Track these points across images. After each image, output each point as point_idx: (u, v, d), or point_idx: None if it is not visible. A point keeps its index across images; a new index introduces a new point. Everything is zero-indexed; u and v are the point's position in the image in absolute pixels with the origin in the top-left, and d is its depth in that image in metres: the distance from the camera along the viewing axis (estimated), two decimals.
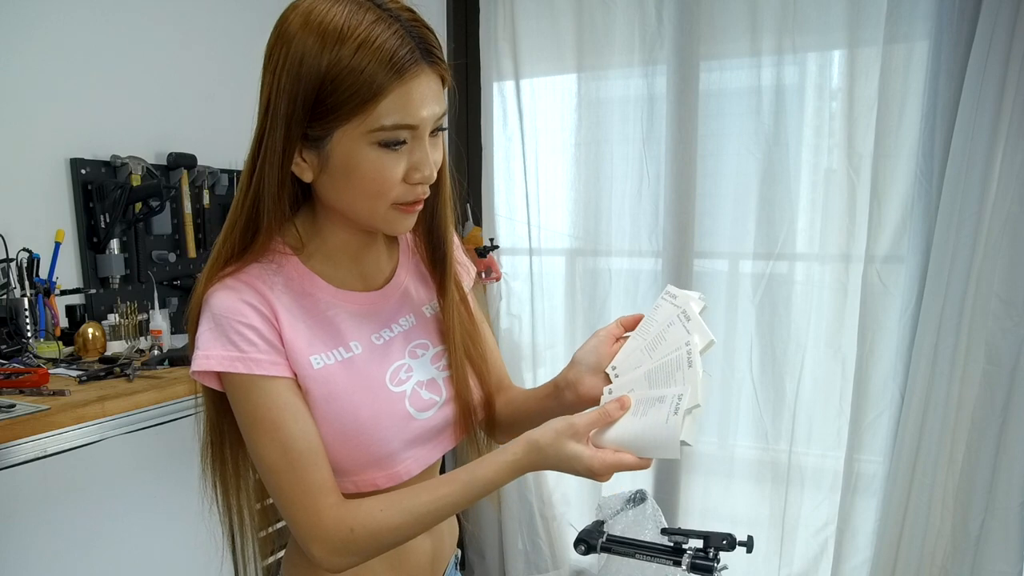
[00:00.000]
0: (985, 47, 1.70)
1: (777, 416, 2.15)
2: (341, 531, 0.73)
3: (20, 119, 1.84)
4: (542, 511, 2.50)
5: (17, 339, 1.72)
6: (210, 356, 0.72)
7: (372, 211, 0.75)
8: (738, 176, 2.13)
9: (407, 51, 0.68)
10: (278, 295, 0.77)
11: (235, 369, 0.72)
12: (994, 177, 1.76)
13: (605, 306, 2.38)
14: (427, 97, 0.70)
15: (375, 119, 0.69)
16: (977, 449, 1.87)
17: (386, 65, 0.67)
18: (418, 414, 0.82)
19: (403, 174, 0.73)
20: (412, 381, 0.83)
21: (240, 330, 0.73)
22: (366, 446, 0.78)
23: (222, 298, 0.74)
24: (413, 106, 0.69)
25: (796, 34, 1.99)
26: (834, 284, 2.05)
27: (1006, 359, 1.81)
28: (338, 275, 0.82)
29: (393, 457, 0.80)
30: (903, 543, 1.95)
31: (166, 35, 2.19)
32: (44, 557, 1.46)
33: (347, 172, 0.72)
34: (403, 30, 0.68)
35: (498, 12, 2.35)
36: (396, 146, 0.71)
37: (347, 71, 0.67)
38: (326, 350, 0.78)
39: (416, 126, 0.71)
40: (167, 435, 1.66)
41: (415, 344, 0.86)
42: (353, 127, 0.69)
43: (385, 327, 0.84)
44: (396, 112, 0.69)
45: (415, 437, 0.82)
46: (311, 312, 0.79)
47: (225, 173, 2.37)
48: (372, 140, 0.70)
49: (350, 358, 0.79)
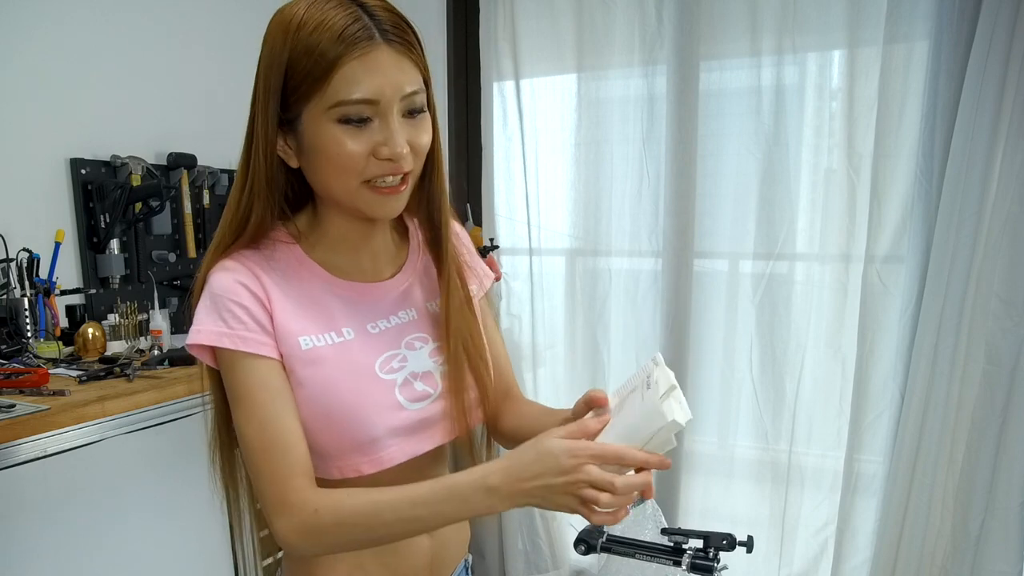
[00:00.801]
0: (985, 47, 1.70)
1: (777, 416, 2.15)
2: (306, 511, 0.73)
3: (20, 119, 1.84)
4: (542, 511, 2.50)
5: (17, 339, 1.72)
6: (201, 330, 0.76)
7: (346, 190, 0.76)
8: (738, 176, 2.13)
9: (359, 28, 0.70)
10: (274, 279, 0.79)
11: (222, 344, 0.75)
12: (994, 177, 1.76)
13: (605, 306, 2.38)
14: (382, 70, 0.71)
15: (332, 95, 0.71)
16: (977, 449, 1.87)
17: (336, 40, 0.70)
18: (409, 404, 0.82)
19: (369, 150, 0.74)
20: (405, 371, 0.83)
21: (231, 308, 0.76)
22: (350, 430, 0.79)
23: (219, 278, 0.78)
24: (367, 79, 0.71)
25: (796, 34, 1.99)
26: (834, 284, 2.05)
27: (1006, 359, 1.81)
28: (338, 264, 0.84)
29: (377, 443, 0.80)
30: (903, 543, 1.95)
31: (166, 35, 2.19)
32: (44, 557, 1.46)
33: (315, 151, 0.75)
34: (360, 11, 0.71)
35: (498, 12, 2.35)
36: (359, 123, 0.73)
37: (303, 51, 0.71)
38: (317, 332, 0.80)
39: (375, 101, 0.72)
40: (167, 435, 1.66)
41: (413, 336, 0.86)
42: (315, 105, 0.72)
43: (382, 318, 0.85)
44: (349, 86, 0.71)
45: (403, 426, 0.82)
46: (305, 296, 0.81)
47: (225, 173, 2.37)
48: (333, 117, 0.72)
49: (341, 343, 0.81)
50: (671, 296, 2.24)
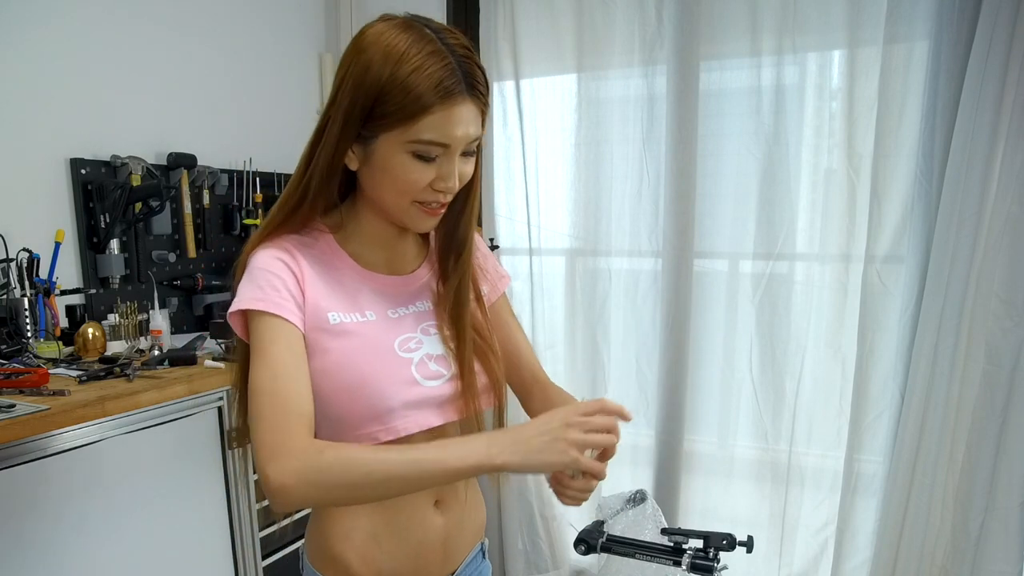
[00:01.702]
0: (985, 47, 1.70)
1: (777, 416, 2.15)
2: (310, 451, 0.76)
3: (20, 119, 1.84)
4: (542, 511, 2.50)
5: (17, 339, 1.72)
6: (242, 299, 0.83)
7: (397, 205, 0.87)
8: (738, 176, 2.13)
9: (453, 81, 0.79)
10: (309, 261, 0.88)
11: (255, 306, 0.82)
12: (994, 177, 1.76)
13: (605, 306, 2.38)
14: (463, 122, 0.81)
15: (415, 132, 0.80)
16: (977, 449, 1.87)
17: (432, 90, 0.78)
18: (424, 381, 0.90)
19: (430, 181, 0.84)
20: (421, 352, 0.91)
21: (269, 279, 0.84)
22: (368, 399, 0.86)
23: (259, 256, 0.86)
24: (449, 128, 0.81)
25: (796, 34, 1.99)
26: (834, 284, 2.05)
27: (1006, 359, 1.81)
28: (366, 257, 0.93)
29: (393, 413, 0.87)
30: (903, 543, 1.95)
31: (166, 36, 2.19)
32: (43, 557, 1.45)
33: (383, 169, 0.84)
34: (455, 63, 0.80)
35: (498, 12, 2.35)
36: (428, 159, 0.83)
37: (400, 88, 0.78)
38: (344, 311, 0.88)
39: (448, 145, 0.82)
40: (167, 435, 1.67)
41: (428, 324, 0.95)
42: (396, 134, 0.81)
43: (401, 306, 0.94)
44: (433, 130, 0.80)
45: (418, 401, 0.89)
46: (335, 281, 0.89)
47: (225, 173, 2.37)
48: (409, 149, 0.82)
49: (364, 321, 0.89)
50: (671, 296, 2.24)
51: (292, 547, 2.04)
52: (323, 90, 2.77)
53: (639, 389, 2.37)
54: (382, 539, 0.91)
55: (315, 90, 2.76)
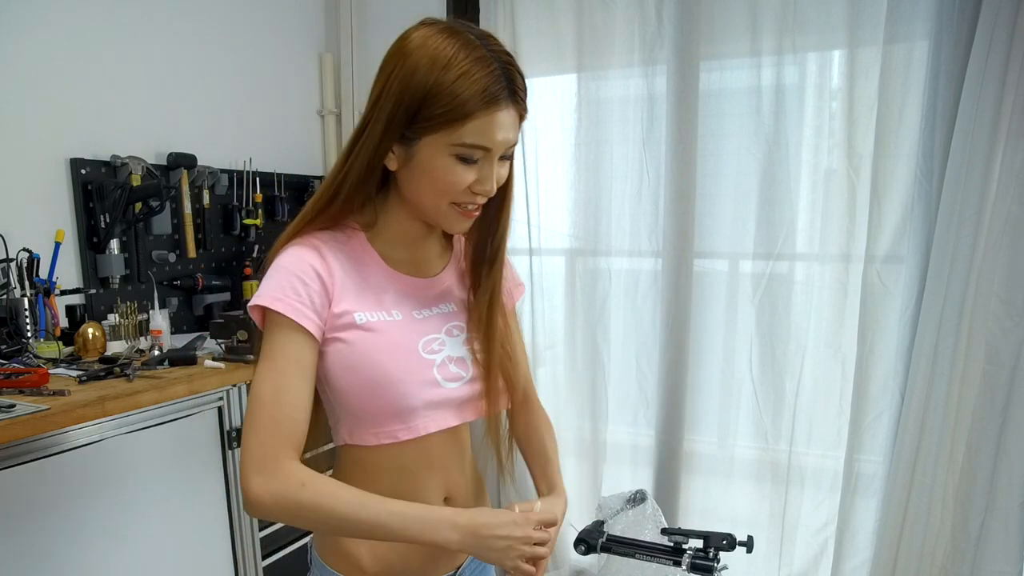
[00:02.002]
0: (985, 47, 1.70)
1: (777, 416, 2.15)
2: (292, 481, 0.80)
3: (20, 119, 1.84)
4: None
5: (17, 339, 1.72)
6: (263, 294, 0.85)
7: (435, 206, 0.89)
8: (738, 176, 2.13)
9: (498, 88, 0.82)
10: (340, 261, 0.89)
11: (274, 306, 0.84)
12: (994, 177, 1.76)
13: (605, 306, 2.38)
14: (504, 127, 0.84)
15: (459, 136, 0.83)
16: (977, 449, 1.87)
17: (477, 96, 0.81)
18: (445, 383, 0.92)
19: (469, 184, 0.86)
20: (443, 354, 0.93)
21: (293, 282, 0.85)
22: (391, 398, 0.88)
23: (291, 253, 0.88)
24: (491, 132, 0.83)
25: (796, 34, 1.99)
26: (834, 284, 2.05)
27: (1006, 359, 1.81)
28: (394, 257, 0.95)
29: (414, 412, 0.90)
30: (903, 543, 1.95)
31: (166, 36, 2.19)
32: (43, 557, 1.45)
33: (425, 171, 0.86)
34: (499, 70, 0.82)
35: (498, 12, 2.35)
36: (469, 161, 0.85)
37: (446, 92, 0.81)
38: (371, 310, 0.90)
39: (490, 149, 0.85)
40: (167, 435, 1.67)
41: (452, 325, 0.97)
42: (440, 137, 0.83)
43: (426, 307, 0.96)
44: (477, 135, 0.83)
45: (438, 401, 0.92)
46: (364, 281, 0.91)
47: (225, 173, 2.37)
48: (452, 152, 0.84)
49: (390, 321, 0.91)
50: (671, 296, 2.24)
51: (292, 547, 2.04)
52: (323, 90, 2.77)
53: (639, 389, 2.37)
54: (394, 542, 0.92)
55: (315, 90, 2.76)
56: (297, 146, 2.69)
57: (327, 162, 2.81)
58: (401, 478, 0.92)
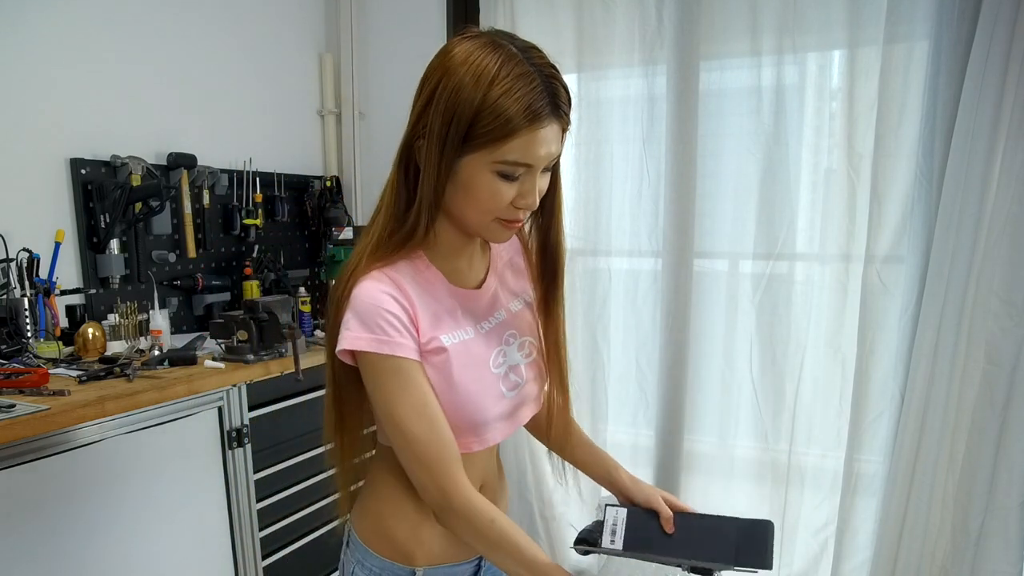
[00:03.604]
0: (985, 47, 1.70)
1: (777, 416, 2.15)
2: (470, 510, 0.87)
3: (20, 119, 1.84)
4: (542, 511, 2.50)
5: (17, 339, 1.72)
6: (360, 338, 0.85)
7: (480, 222, 0.89)
8: (738, 176, 2.13)
9: (541, 104, 0.81)
10: (414, 289, 0.90)
11: (381, 351, 0.84)
12: (994, 177, 1.76)
13: (605, 306, 2.38)
14: (547, 142, 0.84)
15: (502, 153, 0.82)
16: (977, 449, 1.87)
17: (522, 114, 0.80)
18: (507, 393, 0.96)
19: (512, 198, 0.86)
20: (505, 366, 0.97)
21: (387, 318, 0.85)
22: (470, 414, 0.91)
23: (368, 288, 0.86)
24: (534, 149, 0.83)
25: (796, 34, 1.99)
26: (834, 284, 2.05)
27: (1006, 359, 1.81)
28: (449, 270, 0.95)
29: (487, 426, 0.93)
30: (903, 543, 1.95)
31: (167, 36, 2.19)
32: (43, 557, 1.45)
33: (468, 188, 0.85)
34: (542, 85, 0.82)
35: (498, 12, 2.35)
36: (511, 178, 0.85)
37: (491, 111, 0.80)
38: (451, 331, 0.92)
39: (532, 165, 0.84)
40: (167, 435, 1.66)
41: (507, 334, 0.99)
42: (484, 154, 0.83)
43: (485, 319, 0.98)
44: (520, 152, 0.82)
45: (504, 412, 0.95)
46: (435, 301, 0.92)
47: (225, 173, 2.37)
48: (494, 169, 0.83)
49: (466, 340, 0.93)
50: (671, 296, 2.24)
51: (292, 547, 2.04)
52: (323, 90, 2.77)
53: (639, 389, 2.37)
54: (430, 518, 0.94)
55: (315, 90, 2.76)
56: (297, 146, 2.69)
57: (327, 162, 2.81)
58: None
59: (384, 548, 0.96)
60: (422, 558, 0.96)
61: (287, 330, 1.87)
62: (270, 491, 1.96)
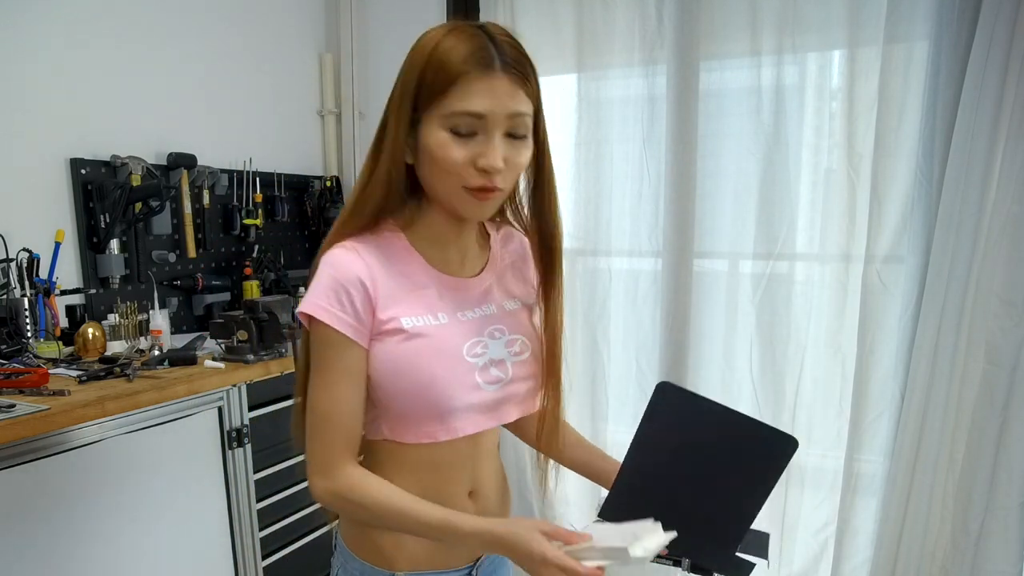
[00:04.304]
0: (985, 47, 1.70)
1: (777, 416, 2.15)
2: (343, 483, 0.87)
3: (20, 119, 1.84)
4: (542, 511, 2.50)
5: (17, 339, 1.72)
6: (308, 301, 0.87)
7: (447, 191, 0.87)
8: (738, 176, 2.13)
9: (483, 54, 0.81)
10: (383, 264, 0.90)
11: (319, 316, 0.86)
12: (994, 177, 1.76)
13: (605, 306, 2.38)
14: (495, 94, 0.82)
15: (448, 105, 0.82)
16: (977, 449, 1.87)
17: (462, 60, 0.81)
18: (485, 386, 0.93)
19: (470, 159, 0.83)
20: (486, 357, 0.94)
21: (339, 293, 0.86)
22: (433, 400, 0.89)
23: (342, 257, 0.88)
24: (479, 97, 0.81)
25: (796, 34, 1.99)
26: (834, 284, 2.05)
27: (1006, 359, 1.81)
28: (435, 256, 0.95)
29: (454, 414, 0.91)
30: (903, 543, 1.95)
31: (167, 36, 2.19)
32: (42, 557, 1.45)
33: (425, 151, 0.85)
34: (488, 42, 0.82)
35: (498, 12, 2.35)
36: (464, 133, 0.83)
37: (435, 65, 0.82)
38: (418, 314, 0.91)
39: (483, 115, 0.82)
40: (167, 435, 1.67)
41: (494, 327, 0.97)
42: (433, 112, 0.83)
43: (469, 308, 0.96)
44: (464, 100, 0.81)
45: (477, 404, 0.93)
46: (408, 282, 0.92)
47: (225, 173, 2.37)
48: (445, 125, 0.83)
49: (437, 324, 0.91)
50: (671, 296, 2.24)
51: (292, 547, 2.04)
52: (323, 90, 2.77)
53: (639, 389, 2.37)
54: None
55: (315, 90, 2.76)
56: (297, 146, 2.69)
57: (327, 162, 2.81)
58: (431, 473, 0.94)
59: (366, 552, 0.96)
60: (404, 563, 0.95)
61: (287, 330, 1.87)
62: (270, 491, 1.96)
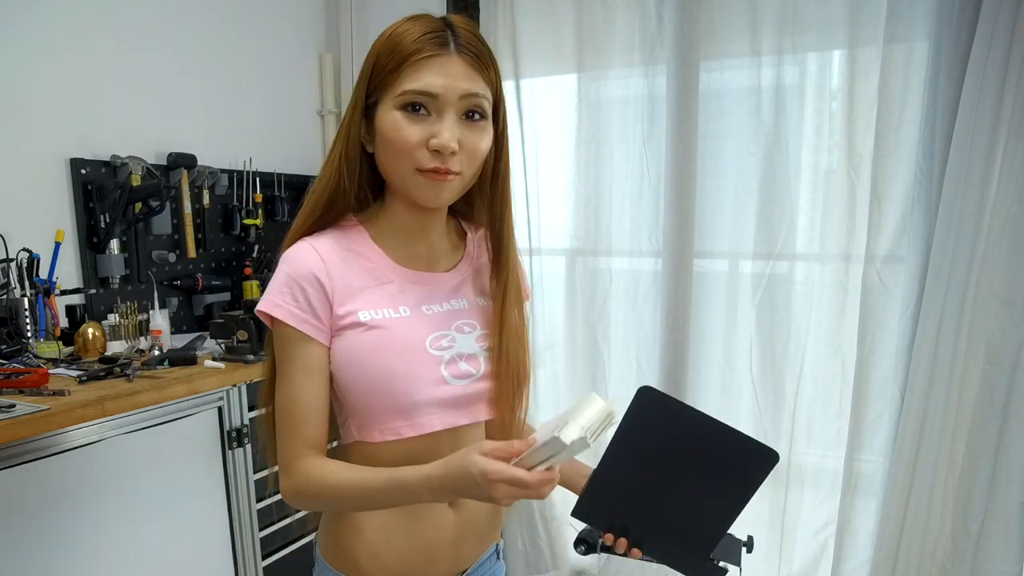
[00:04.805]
0: (985, 47, 1.70)
1: (777, 416, 2.15)
2: (299, 477, 0.87)
3: (20, 119, 1.84)
4: (542, 511, 2.50)
5: (17, 339, 1.72)
6: (265, 299, 0.87)
7: (401, 175, 0.86)
8: (738, 176, 2.13)
9: (437, 36, 0.82)
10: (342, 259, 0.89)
11: (274, 313, 0.86)
12: (994, 177, 1.76)
13: (605, 306, 2.38)
14: (447, 73, 0.82)
15: (400, 84, 0.82)
16: (977, 449, 1.87)
17: (415, 41, 0.81)
18: (453, 380, 0.90)
19: (423, 139, 0.83)
20: (453, 351, 0.91)
21: (295, 291, 0.86)
22: (394, 394, 0.87)
23: (297, 253, 0.88)
24: (431, 76, 0.81)
25: (796, 34, 1.99)
26: (834, 284, 2.05)
27: (1006, 359, 1.81)
28: (400, 252, 0.93)
29: (418, 409, 0.88)
30: (903, 543, 1.95)
31: (166, 35, 2.19)
32: (43, 557, 1.45)
33: (380, 133, 0.85)
34: (445, 26, 0.83)
35: (498, 12, 2.35)
36: (416, 112, 0.82)
37: (390, 48, 0.83)
38: (375, 307, 0.89)
39: (435, 94, 0.82)
40: (167, 435, 1.67)
41: (463, 322, 0.94)
42: (387, 93, 0.83)
43: (436, 303, 0.94)
44: (415, 79, 0.81)
45: (446, 399, 0.90)
46: (369, 276, 0.90)
47: (225, 173, 2.37)
48: (397, 104, 0.83)
49: (397, 318, 0.90)
50: (671, 296, 2.24)
51: (292, 547, 2.04)
52: (323, 90, 2.77)
53: None
54: (393, 536, 0.92)
55: (315, 90, 2.76)
56: (297, 146, 2.69)
57: None
58: None
59: (341, 563, 0.94)
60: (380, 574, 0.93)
61: None
62: (270, 491, 1.96)
